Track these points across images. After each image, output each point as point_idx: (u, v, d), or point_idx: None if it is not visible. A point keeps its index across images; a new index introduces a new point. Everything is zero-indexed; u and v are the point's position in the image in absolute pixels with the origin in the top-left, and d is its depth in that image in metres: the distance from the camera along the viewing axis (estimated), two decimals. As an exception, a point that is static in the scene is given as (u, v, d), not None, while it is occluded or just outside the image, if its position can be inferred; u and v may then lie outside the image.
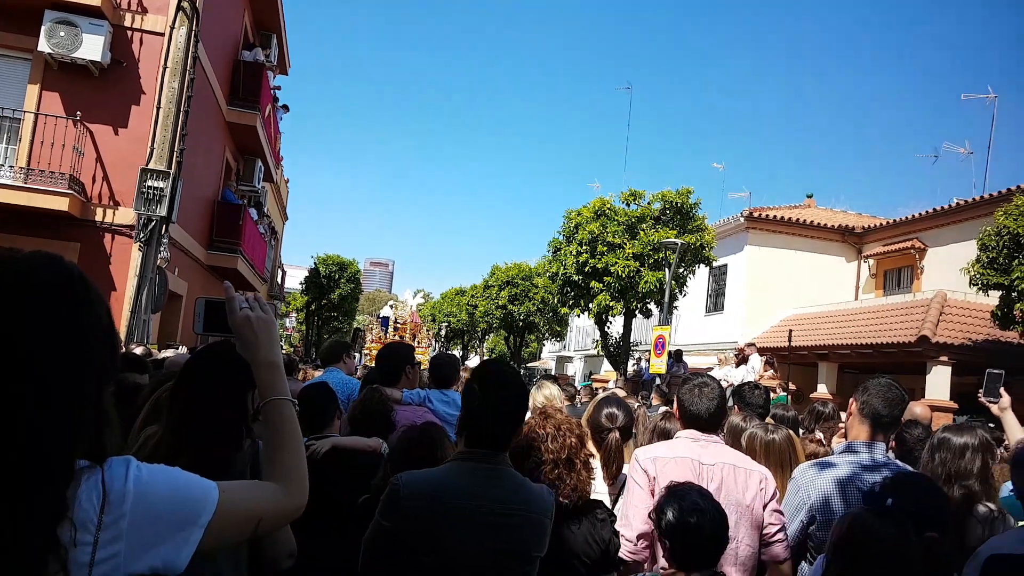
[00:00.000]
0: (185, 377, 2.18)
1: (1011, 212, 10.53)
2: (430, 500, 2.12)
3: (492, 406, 2.26)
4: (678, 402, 3.18)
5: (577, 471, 2.64)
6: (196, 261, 14.03)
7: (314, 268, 37.90)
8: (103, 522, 1.09)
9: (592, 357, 30.90)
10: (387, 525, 2.14)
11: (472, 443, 2.27)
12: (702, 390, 3.09)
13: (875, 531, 1.92)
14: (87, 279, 1.19)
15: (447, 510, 2.11)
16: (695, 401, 3.06)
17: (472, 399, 2.32)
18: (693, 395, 3.09)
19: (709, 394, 3.07)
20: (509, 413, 2.28)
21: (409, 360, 4.57)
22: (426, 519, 2.10)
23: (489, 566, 2.12)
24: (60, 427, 1.08)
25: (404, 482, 2.17)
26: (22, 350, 1.07)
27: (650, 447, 3.10)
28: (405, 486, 2.15)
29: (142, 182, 10.48)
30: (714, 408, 3.06)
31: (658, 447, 3.06)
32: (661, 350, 14.42)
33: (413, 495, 2.13)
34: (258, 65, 15.59)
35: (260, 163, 17.46)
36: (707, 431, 3.04)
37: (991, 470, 3.08)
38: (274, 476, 1.42)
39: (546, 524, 2.26)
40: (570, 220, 18.11)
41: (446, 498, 2.13)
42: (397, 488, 2.16)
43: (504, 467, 2.25)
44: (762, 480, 2.92)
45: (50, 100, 10.79)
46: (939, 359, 14.00)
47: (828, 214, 22.94)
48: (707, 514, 2.30)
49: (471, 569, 2.10)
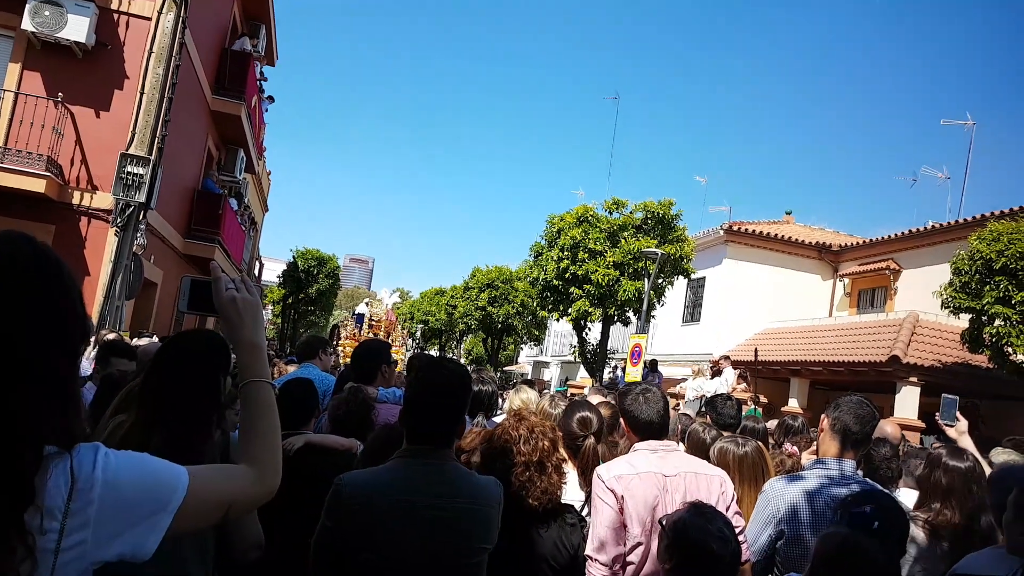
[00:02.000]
0: (157, 364, 2.16)
1: (985, 237, 10.70)
2: (370, 497, 2.14)
3: (423, 402, 2.27)
4: (623, 413, 3.11)
5: (548, 474, 2.63)
6: (173, 249, 13.88)
7: (292, 262, 37.62)
8: (70, 509, 1.08)
9: (569, 363, 30.94)
10: (330, 524, 2.16)
11: (412, 439, 2.28)
12: (647, 396, 3.05)
13: (870, 554, 1.92)
14: (59, 260, 1.18)
15: (387, 506, 2.12)
16: (643, 409, 3.02)
17: (407, 395, 2.33)
18: (639, 403, 3.04)
19: (654, 399, 3.04)
20: (441, 408, 2.27)
21: (385, 358, 4.54)
22: (366, 516, 2.12)
23: (433, 560, 2.13)
24: (28, 411, 1.07)
25: (346, 481, 2.19)
26: None
27: (611, 464, 2.97)
28: (346, 485, 2.17)
29: (121, 167, 10.35)
30: (663, 411, 3.03)
31: (619, 464, 2.94)
32: (637, 359, 14.49)
33: (354, 494, 2.15)
34: (245, 55, 15.48)
35: (243, 153, 17.33)
36: (660, 437, 3.02)
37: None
38: (247, 458, 1.41)
39: (492, 515, 2.26)
40: (553, 225, 18.16)
41: (386, 494, 2.14)
42: (339, 487, 2.18)
43: (446, 462, 2.26)
44: (722, 483, 2.93)
45: (31, 80, 10.63)
46: (909, 379, 14.19)
47: (806, 231, 23.18)
48: (730, 546, 2.21)
49: (415, 564, 2.11)
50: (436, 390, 2.27)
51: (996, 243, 10.40)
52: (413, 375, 2.35)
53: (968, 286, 10.75)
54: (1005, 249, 10.21)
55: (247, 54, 15.59)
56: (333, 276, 38.88)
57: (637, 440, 3.06)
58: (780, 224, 23.54)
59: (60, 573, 1.07)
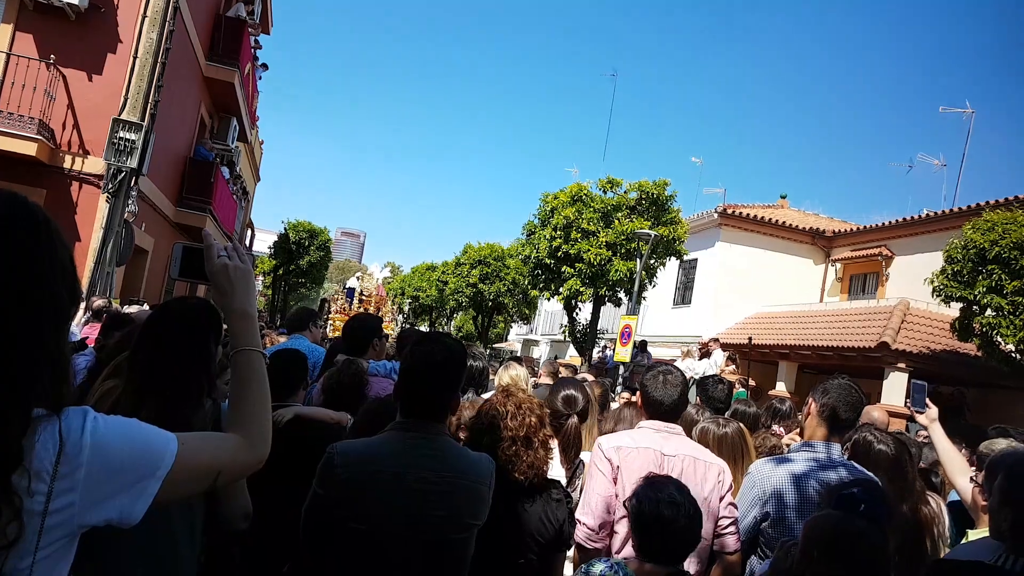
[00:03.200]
0: (147, 331, 2.14)
1: (979, 227, 10.72)
2: (361, 467, 2.15)
3: (417, 375, 2.27)
4: (641, 389, 3.19)
5: (535, 449, 2.64)
6: (164, 217, 13.78)
7: (284, 233, 37.47)
8: (58, 472, 1.07)
9: (558, 342, 31.03)
10: (322, 493, 2.17)
11: (405, 412, 2.29)
12: (666, 378, 3.11)
13: (865, 534, 1.93)
14: (51, 220, 1.16)
15: (377, 477, 2.13)
16: (659, 388, 3.08)
17: (402, 368, 2.33)
18: (657, 383, 3.10)
19: (673, 382, 3.09)
20: (435, 382, 2.27)
21: (377, 332, 4.54)
22: (356, 486, 2.13)
23: (420, 532, 2.14)
24: (17, 372, 1.05)
25: (339, 450, 2.20)
26: None
27: (613, 436, 3.10)
28: (339, 454, 2.18)
29: (114, 132, 10.25)
30: (677, 397, 3.08)
31: (621, 436, 3.07)
32: (627, 339, 14.53)
33: (346, 463, 2.16)
34: (240, 22, 15.29)
35: (235, 122, 17.17)
36: (669, 420, 3.07)
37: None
38: (237, 426, 1.41)
39: (483, 491, 2.28)
40: (546, 204, 18.09)
41: (377, 465, 2.15)
42: (331, 456, 2.18)
43: (438, 435, 2.27)
44: (720, 473, 2.97)
45: (24, 41, 10.47)
46: (897, 365, 14.29)
47: (800, 216, 23.22)
48: (682, 508, 2.29)
49: (402, 534, 2.12)
50: (431, 364, 2.27)
51: (990, 232, 10.41)
52: (408, 349, 2.34)
53: (960, 275, 10.78)
54: (999, 239, 10.22)
55: (242, 21, 15.39)
56: (324, 249, 38.77)
57: (646, 418, 3.10)
58: (774, 208, 23.56)
59: (47, 536, 1.07)
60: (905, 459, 3.22)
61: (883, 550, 1.94)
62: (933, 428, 3.60)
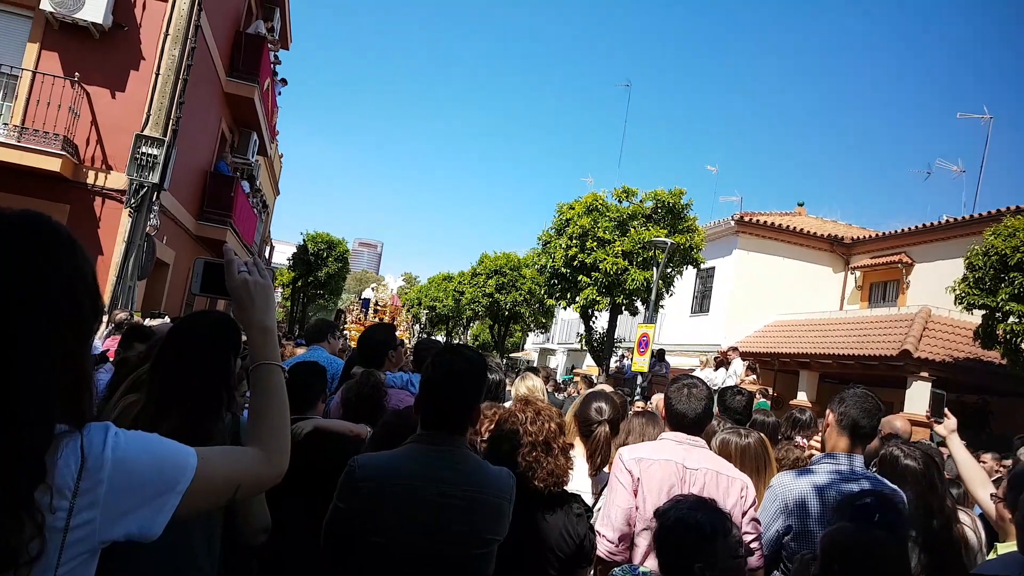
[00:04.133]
0: (168, 344, 2.17)
1: (1000, 232, 10.59)
2: (382, 480, 2.14)
3: (437, 387, 2.27)
4: (665, 402, 3.16)
5: (555, 455, 2.62)
6: (185, 230, 13.93)
7: (303, 245, 37.67)
8: (80, 488, 1.08)
9: (575, 351, 30.93)
10: (343, 507, 2.16)
11: (425, 425, 2.28)
12: (691, 391, 3.08)
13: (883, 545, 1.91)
14: (74, 238, 1.18)
15: (396, 490, 2.13)
16: (683, 401, 3.05)
17: (422, 380, 2.33)
18: (681, 395, 3.07)
19: (698, 395, 3.06)
20: (455, 394, 2.26)
21: (391, 344, 4.55)
22: (376, 499, 2.12)
23: (439, 546, 2.13)
24: (41, 389, 1.06)
25: (360, 464, 2.20)
26: (4, 307, 1.05)
27: (635, 447, 3.08)
28: (360, 468, 2.18)
29: (136, 148, 10.39)
30: (701, 410, 3.05)
31: (643, 448, 3.05)
32: (644, 348, 14.45)
33: (367, 476, 2.15)
34: (260, 38, 15.47)
35: (255, 136, 17.34)
36: (692, 433, 3.04)
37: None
38: (256, 441, 1.41)
39: (503, 506, 2.26)
40: (561, 213, 18.07)
41: (396, 478, 2.14)
42: (352, 469, 2.18)
43: (458, 448, 2.25)
44: (743, 488, 2.93)
45: (49, 59, 10.66)
46: (920, 374, 14.09)
47: (818, 223, 23.03)
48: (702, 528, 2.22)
49: (421, 549, 2.12)
50: (451, 376, 2.26)
51: (1012, 239, 10.29)
52: (429, 361, 2.34)
53: (982, 282, 10.65)
54: (1021, 245, 10.10)
55: (261, 37, 15.57)
56: (342, 260, 38.91)
57: (669, 430, 3.08)
58: (792, 216, 23.38)
59: (68, 552, 1.08)
60: (934, 473, 3.16)
61: (900, 559, 1.92)
62: (951, 439, 3.55)
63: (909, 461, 3.15)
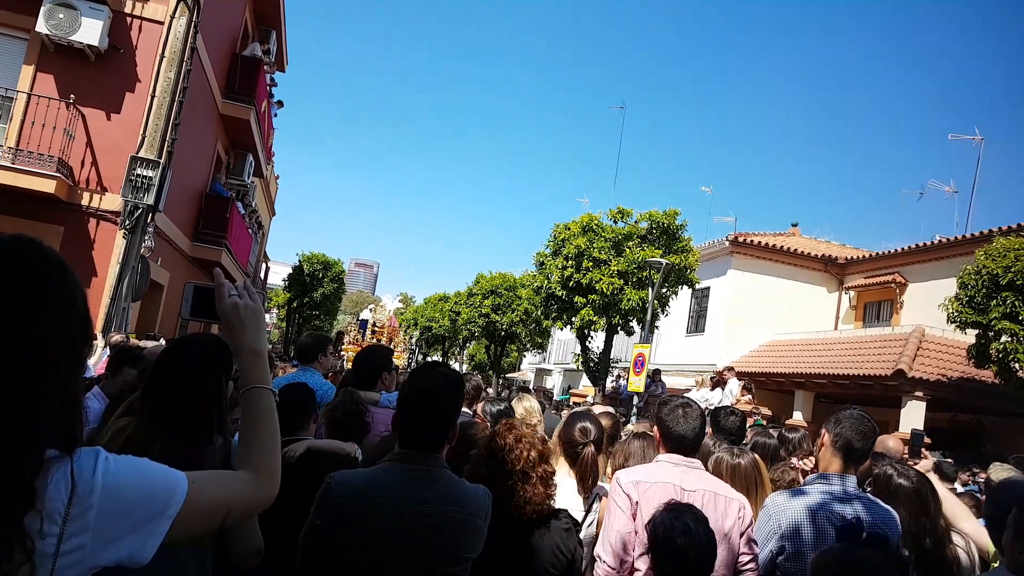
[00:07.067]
0: (159, 367, 2.17)
1: (991, 252, 10.67)
2: (358, 498, 2.15)
3: (412, 406, 2.28)
4: (659, 423, 3.14)
5: (532, 484, 2.61)
6: (180, 252, 13.92)
7: (298, 265, 37.67)
8: (70, 514, 1.08)
9: (572, 371, 30.88)
10: (319, 523, 2.16)
11: (403, 443, 2.29)
12: (685, 411, 3.06)
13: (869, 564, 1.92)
14: (65, 263, 1.18)
15: (373, 508, 2.13)
16: (679, 423, 3.04)
17: (399, 399, 2.34)
18: (676, 416, 3.06)
19: (692, 415, 3.05)
20: (430, 413, 2.27)
21: (386, 365, 4.53)
22: (353, 517, 2.13)
23: (416, 564, 2.13)
24: (31, 414, 1.06)
25: (336, 480, 2.20)
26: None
27: (632, 470, 3.05)
28: (336, 484, 2.18)
29: (131, 169, 10.40)
30: (697, 430, 3.04)
31: (639, 471, 3.02)
32: (640, 368, 14.44)
33: (343, 493, 2.16)
34: (256, 60, 15.55)
35: (251, 158, 17.39)
36: (688, 454, 3.03)
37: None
38: (247, 465, 1.41)
39: (479, 524, 2.26)
40: (557, 234, 18.14)
41: (373, 496, 2.15)
42: (330, 486, 2.19)
43: (436, 467, 2.26)
44: (741, 509, 2.93)
45: (44, 81, 10.70)
46: (914, 394, 14.11)
47: (812, 243, 23.14)
48: (696, 538, 2.28)
49: (398, 567, 2.12)
50: (427, 394, 2.28)
51: (1003, 258, 10.37)
52: (405, 379, 2.36)
53: (974, 301, 10.71)
54: (1012, 265, 10.17)
55: (257, 59, 15.66)
56: (338, 280, 38.89)
57: (664, 451, 3.07)
58: (786, 236, 23.50)
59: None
60: (927, 493, 3.18)
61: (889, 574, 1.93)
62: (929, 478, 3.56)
63: (902, 480, 3.16)
